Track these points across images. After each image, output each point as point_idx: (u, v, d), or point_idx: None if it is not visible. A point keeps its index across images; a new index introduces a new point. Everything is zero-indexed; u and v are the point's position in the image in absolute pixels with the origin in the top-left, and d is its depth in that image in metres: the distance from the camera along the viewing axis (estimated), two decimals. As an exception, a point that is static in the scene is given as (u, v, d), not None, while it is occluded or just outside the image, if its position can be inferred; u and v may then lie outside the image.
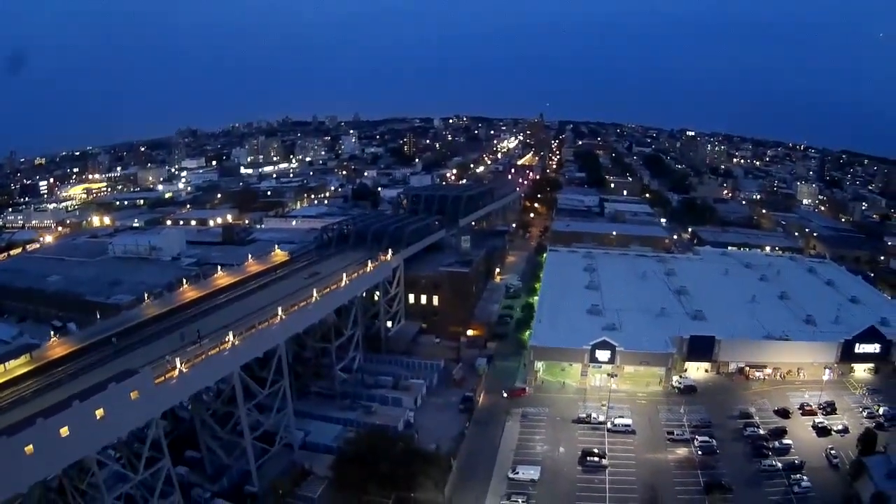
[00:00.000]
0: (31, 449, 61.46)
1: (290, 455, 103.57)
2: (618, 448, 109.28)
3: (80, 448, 67.00)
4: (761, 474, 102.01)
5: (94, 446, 68.62)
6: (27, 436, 61.35)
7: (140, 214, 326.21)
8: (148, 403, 74.53)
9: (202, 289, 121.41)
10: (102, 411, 68.12)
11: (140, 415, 74.33)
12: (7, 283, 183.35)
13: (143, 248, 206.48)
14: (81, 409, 66.01)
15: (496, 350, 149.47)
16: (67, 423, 64.58)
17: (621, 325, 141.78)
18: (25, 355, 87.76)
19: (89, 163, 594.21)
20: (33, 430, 61.89)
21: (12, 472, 61.16)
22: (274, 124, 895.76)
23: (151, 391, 74.72)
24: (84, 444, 67.06)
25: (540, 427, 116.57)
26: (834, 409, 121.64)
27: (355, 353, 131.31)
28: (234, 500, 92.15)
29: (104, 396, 68.65)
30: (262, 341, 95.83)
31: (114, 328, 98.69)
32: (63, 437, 64.37)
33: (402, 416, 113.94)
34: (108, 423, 69.30)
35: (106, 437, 71.05)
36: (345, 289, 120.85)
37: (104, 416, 68.27)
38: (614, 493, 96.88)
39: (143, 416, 74.76)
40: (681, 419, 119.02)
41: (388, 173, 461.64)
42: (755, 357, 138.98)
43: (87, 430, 66.70)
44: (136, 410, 73.08)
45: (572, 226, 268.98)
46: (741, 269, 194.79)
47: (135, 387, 72.29)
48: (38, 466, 64.33)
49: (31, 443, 61.43)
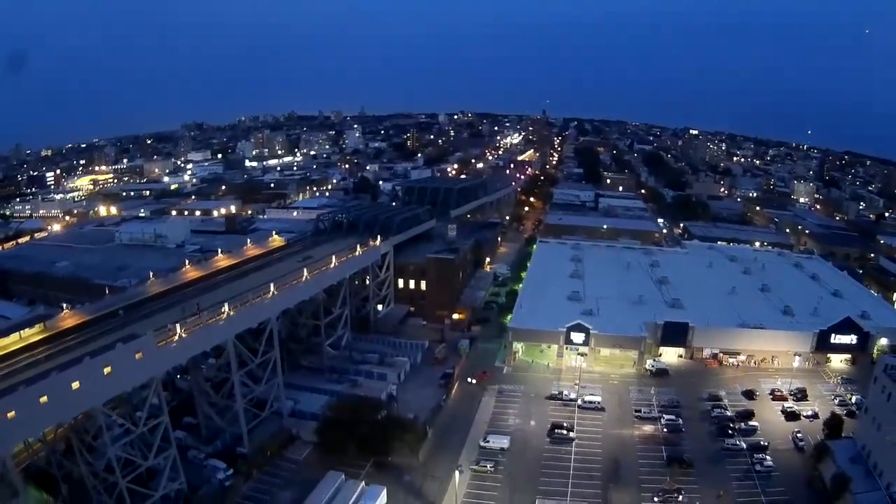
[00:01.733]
0: (46, 399, 69.96)
1: (280, 422, 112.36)
2: (586, 423, 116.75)
3: (88, 399, 75.62)
4: (724, 452, 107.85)
5: (101, 398, 77.26)
6: (42, 387, 69.99)
7: (146, 205, 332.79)
8: (150, 363, 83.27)
9: (203, 269, 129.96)
10: (110, 368, 77.02)
11: (143, 373, 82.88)
12: (17, 269, 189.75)
13: (148, 235, 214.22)
14: (91, 365, 74.81)
15: (480, 333, 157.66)
16: (78, 377, 73.34)
17: (599, 311, 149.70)
18: (39, 325, 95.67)
19: (95, 155, 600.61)
20: (48, 382, 70.65)
21: (29, 418, 69.52)
22: (280, 118, 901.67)
23: (154, 352, 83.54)
24: (92, 395, 75.66)
25: (514, 402, 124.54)
26: (805, 396, 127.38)
27: (344, 331, 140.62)
28: (227, 460, 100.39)
29: (112, 355, 77.70)
30: (256, 314, 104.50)
31: (120, 302, 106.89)
32: (74, 389, 73.04)
33: (385, 389, 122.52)
34: (115, 379, 78.10)
35: (112, 390, 79.48)
36: (334, 270, 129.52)
37: (111, 373, 77.16)
38: (579, 464, 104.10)
39: (145, 374, 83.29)
40: (650, 399, 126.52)
41: (389, 167, 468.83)
42: (729, 344, 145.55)
43: (95, 383, 75.37)
44: (139, 369, 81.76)
45: (565, 219, 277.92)
46: (725, 263, 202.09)
47: (139, 348, 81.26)
48: (52, 414, 73.02)
49: (46, 393, 69.94)
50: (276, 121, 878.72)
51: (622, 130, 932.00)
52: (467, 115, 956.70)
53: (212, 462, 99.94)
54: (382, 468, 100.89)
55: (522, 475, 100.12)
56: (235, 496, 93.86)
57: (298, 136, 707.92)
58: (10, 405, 66.54)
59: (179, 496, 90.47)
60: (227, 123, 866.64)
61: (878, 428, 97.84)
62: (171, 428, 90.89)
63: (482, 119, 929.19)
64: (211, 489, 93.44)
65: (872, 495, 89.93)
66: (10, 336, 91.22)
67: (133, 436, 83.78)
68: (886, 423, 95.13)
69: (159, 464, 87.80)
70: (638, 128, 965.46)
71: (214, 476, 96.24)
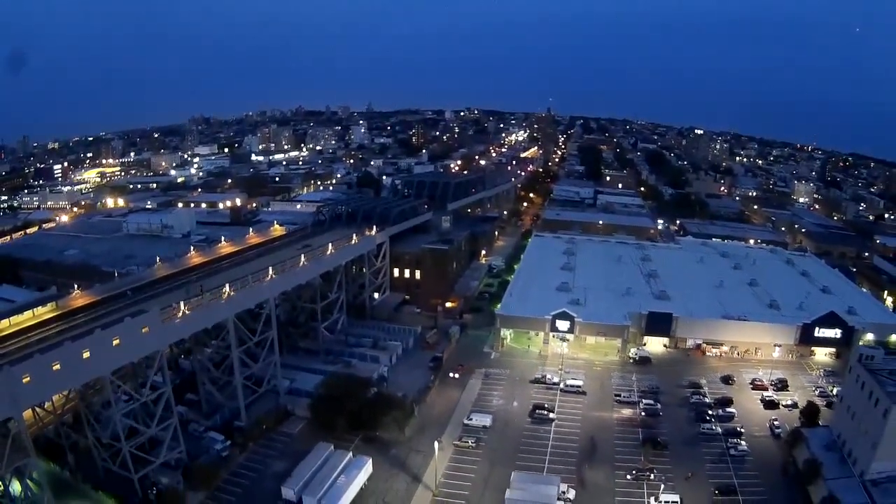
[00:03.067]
0: (59, 366, 76.49)
1: (276, 399, 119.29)
2: (567, 405, 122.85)
3: (98, 368, 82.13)
4: (700, 436, 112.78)
5: (109, 367, 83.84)
6: (55, 355, 76.73)
7: (153, 197, 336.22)
8: (156, 337, 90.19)
9: (207, 255, 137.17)
10: (118, 340, 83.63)
11: (149, 345, 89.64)
12: (27, 257, 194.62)
13: (155, 226, 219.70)
14: (101, 336, 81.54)
15: (471, 321, 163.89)
16: (89, 346, 79.99)
17: (586, 301, 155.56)
18: (52, 303, 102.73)
19: (103, 148, 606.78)
20: (61, 351, 77.47)
21: (42, 383, 75.97)
22: (287, 113, 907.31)
23: (159, 327, 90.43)
24: (101, 364, 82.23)
25: (499, 385, 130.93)
26: (786, 386, 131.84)
27: (339, 315, 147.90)
28: (225, 433, 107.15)
29: (120, 328, 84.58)
30: (255, 294, 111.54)
31: (129, 284, 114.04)
32: (85, 358, 79.65)
33: (376, 371, 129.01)
34: (122, 350, 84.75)
35: (120, 360, 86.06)
36: (330, 256, 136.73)
37: (119, 344, 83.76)
38: (557, 442, 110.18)
39: (151, 346, 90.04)
40: (631, 385, 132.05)
41: (393, 163, 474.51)
42: (712, 335, 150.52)
43: (104, 353, 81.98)
44: (145, 342, 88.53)
45: (563, 214, 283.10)
46: (717, 258, 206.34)
47: (145, 322, 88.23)
48: (63, 380, 79.62)
49: (59, 360, 76.51)
50: (284, 116, 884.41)
51: (627, 129, 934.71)
52: (474, 112, 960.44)
53: (210, 434, 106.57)
54: (370, 442, 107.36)
55: (502, 451, 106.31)
56: (232, 465, 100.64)
57: (305, 131, 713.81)
58: (25, 370, 72.99)
59: (179, 464, 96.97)
60: (235, 118, 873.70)
61: (852, 417, 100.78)
62: (174, 402, 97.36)
63: (489, 116, 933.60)
64: (209, 459, 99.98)
65: (846, 482, 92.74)
66: (24, 313, 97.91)
67: (137, 404, 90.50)
68: (860, 411, 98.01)
69: (161, 435, 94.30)
70: (643, 127, 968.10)
71: (213, 447, 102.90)
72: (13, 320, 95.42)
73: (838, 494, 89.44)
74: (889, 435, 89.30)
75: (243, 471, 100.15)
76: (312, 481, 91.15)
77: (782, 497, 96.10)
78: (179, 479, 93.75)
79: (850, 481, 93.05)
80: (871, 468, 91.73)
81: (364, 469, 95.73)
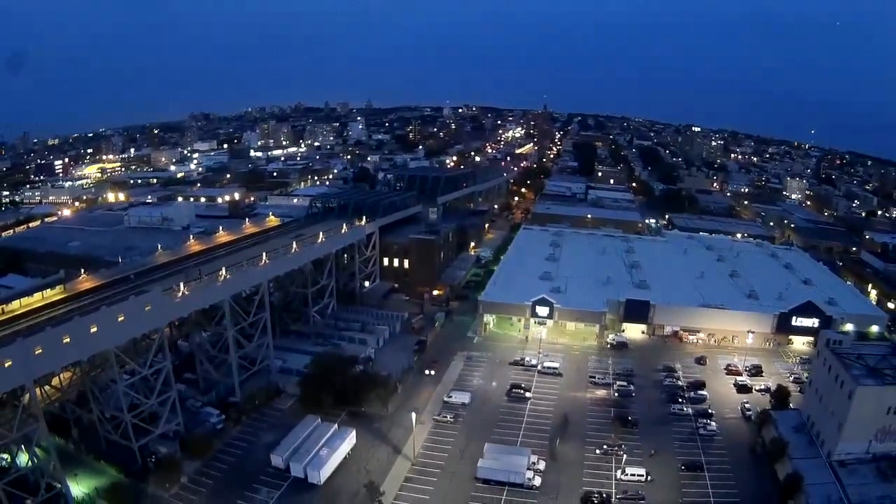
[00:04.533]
0: (68, 339, 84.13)
1: (268, 377, 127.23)
2: (544, 386, 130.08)
3: (104, 341, 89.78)
4: (671, 416, 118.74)
5: (115, 341, 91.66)
6: (65, 329, 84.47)
7: (153, 192, 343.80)
8: (158, 314, 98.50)
9: (205, 244, 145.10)
10: (123, 316, 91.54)
11: (151, 322, 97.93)
12: (31, 248, 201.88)
13: (155, 218, 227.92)
14: (108, 313, 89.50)
15: (457, 308, 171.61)
16: (97, 321, 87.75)
17: (566, 289, 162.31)
18: (60, 286, 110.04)
19: (103, 144, 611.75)
20: (70, 325, 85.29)
21: (53, 354, 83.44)
22: (287, 110, 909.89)
23: (161, 305, 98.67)
24: (108, 338, 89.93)
25: (480, 367, 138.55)
26: (760, 372, 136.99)
27: (330, 300, 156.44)
28: (220, 408, 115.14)
29: (125, 305, 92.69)
30: (249, 278, 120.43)
31: (132, 269, 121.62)
32: (92, 332, 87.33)
33: (364, 352, 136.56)
34: (127, 325, 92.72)
35: (124, 335, 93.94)
36: (320, 244, 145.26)
37: (124, 320, 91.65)
38: (531, 418, 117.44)
39: (153, 323, 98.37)
40: (607, 368, 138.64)
41: (389, 159, 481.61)
42: (689, 322, 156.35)
43: (110, 328, 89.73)
44: (148, 318, 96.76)
45: (552, 208, 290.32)
46: (701, 251, 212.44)
47: (148, 301, 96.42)
48: (72, 352, 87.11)
49: (69, 334, 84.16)
50: (283, 112, 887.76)
51: (625, 126, 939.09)
52: (471, 108, 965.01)
53: (206, 409, 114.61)
54: (355, 417, 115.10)
55: (479, 426, 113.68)
56: (226, 437, 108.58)
57: (304, 127, 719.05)
58: (38, 343, 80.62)
59: (177, 435, 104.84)
60: (234, 114, 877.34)
61: (820, 399, 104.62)
62: (173, 379, 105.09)
63: (486, 113, 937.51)
64: (204, 431, 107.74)
65: (812, 462, 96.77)
66: (34, 295, 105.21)
67: (139, 377, 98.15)
68: (827, 394, 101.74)
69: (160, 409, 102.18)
70: (641, 124, 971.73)
71: (208, 420, 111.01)
72: (23, 301, 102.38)
73: (803, 472, 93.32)
74: (854, 416, 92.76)
75: (236, 442, 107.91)
76: (300, 450, 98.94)
77: (748, 474, 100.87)
78: (177, 449, 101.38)
79: (817, 461, 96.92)
80: (838, 449, 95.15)
81: (348, 440, 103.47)
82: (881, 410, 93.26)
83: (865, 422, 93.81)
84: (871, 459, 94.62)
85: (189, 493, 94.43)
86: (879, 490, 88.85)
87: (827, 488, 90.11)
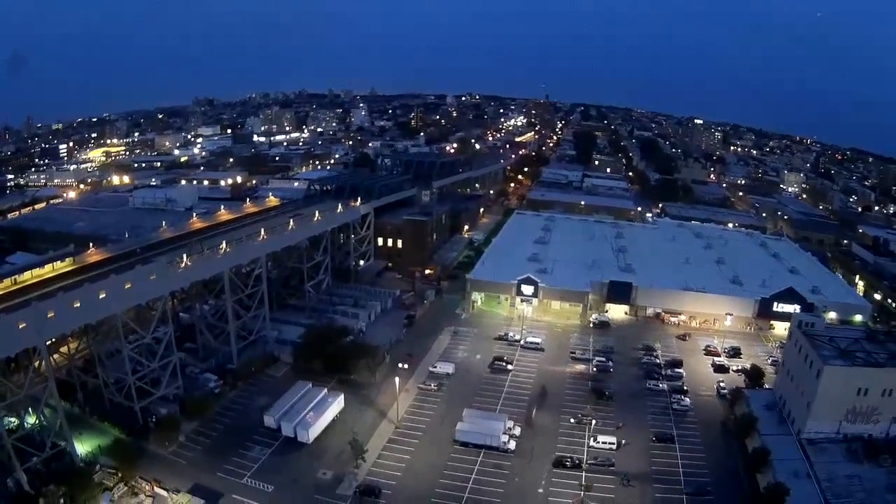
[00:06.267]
0: (78, 304, 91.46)
1: (265, 346, 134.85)
2: (526, 360, 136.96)
3: (111, 306, 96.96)
4: (646, 392, 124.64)
5: (121, 306, 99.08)
6: (76, 294, 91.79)
7: (157, 175, 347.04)
8: (162, 283, 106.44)
9: (207, 221, 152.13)
10: (130, 284, 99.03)
11: (156, 290, 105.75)
12: (38, 228, 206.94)
13: (159, 200, 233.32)
14: (116, 280, 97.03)
15: (447, 287, 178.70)
16: (105, 288, 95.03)
17: (553, 270, 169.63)
18: (69, 258, 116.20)
19: (107, 129, 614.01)
20: (80, 291, 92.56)
21: (64, 317, 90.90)
22: (290, 96, 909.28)
23: (165, 274, 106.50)
24: (115, 303, 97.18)
25: (466, 341, 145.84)
26: (738, 354, 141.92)
27: (325, 276, 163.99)
28: (218, 374, 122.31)
29: (132, 273, 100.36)
30: (247, 251, 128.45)
31: (138, 244, 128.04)
32: (101, 298, 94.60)
33: (356, 326, 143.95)
34: (133, 292, 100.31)
35: (130, 301, 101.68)
36: (316, 223, 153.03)
37: (131, 287, 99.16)
38: (511, 389, 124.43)
39: (158, 291, 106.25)
40: (587, 345, 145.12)
41: (390, 145, 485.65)
42: (671, 305, 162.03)
43: (117, 294, 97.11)
44: (153, 286, 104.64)
45: (547, 195, 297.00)
46: (690, 238, 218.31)
47: (153, 270, 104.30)
48: (82, 315, 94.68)
49: (79, 299, 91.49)
50: (287, 98, 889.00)
51: (627, 117, 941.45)
52: (475, 97, 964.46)
53: (205, 375, 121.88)
54: (344, 384, 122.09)
55: (461, 394, 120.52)
56: (223, 400, 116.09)
57: (307, 113, 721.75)
58: (50, 306, 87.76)
59: (176, 398, 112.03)
60: (238, 100, 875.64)
61: (791, 379, 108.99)
62: (175, 346, 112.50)
63: (489, 101, 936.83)
64: (203, 394, 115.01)
65: (781, 438, 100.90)
66: (44, 267, 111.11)
67: (143, 341, 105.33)
68: (798, 373, 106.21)
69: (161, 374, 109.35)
70: (643, 115, 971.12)
71: (207, 385, 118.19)
72: (34, 273, 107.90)
73: (770, 447, 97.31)
74: (822, 395, 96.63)
75: (232, 405, 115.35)
76: (291, 411, 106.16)
77: (718, 447, 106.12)
78: (176, 410, 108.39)
79: (786, 438, 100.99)
80: (807, 427, 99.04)
81: (337, 402, 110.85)
82: (850, 391, 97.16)
83: (834, 402, 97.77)
84: (843, 440, 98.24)
85: (186, 450, 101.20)
86: (848, 469, 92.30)
87: (794, 464, 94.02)
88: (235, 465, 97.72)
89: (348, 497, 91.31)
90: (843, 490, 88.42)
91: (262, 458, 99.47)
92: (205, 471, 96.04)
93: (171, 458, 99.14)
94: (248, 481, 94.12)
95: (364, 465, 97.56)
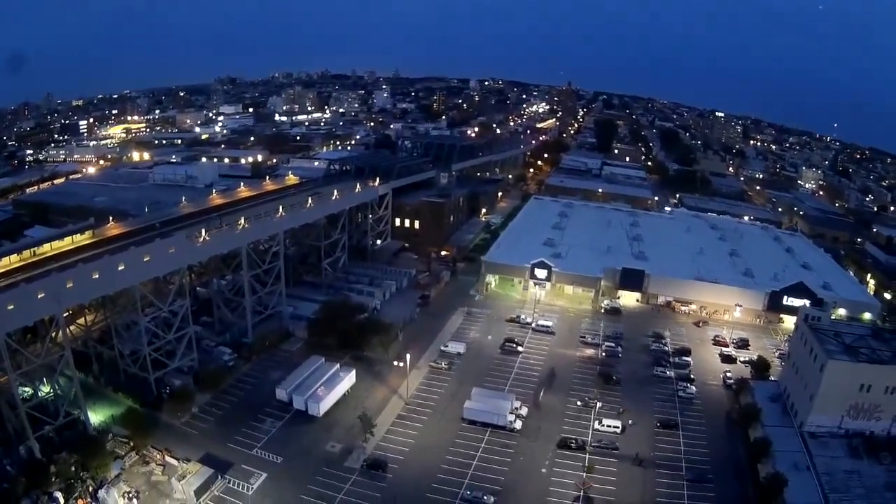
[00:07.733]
0: (98, 275, 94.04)
1: (280, 321, 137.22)
2: (536, 342, 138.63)
3: (130, 278, 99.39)
4: (653, 378, 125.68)
5: (139, 278, 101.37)
6: (95, 265, 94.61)
7: (177, 152, 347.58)
8: (180, 256, 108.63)
9: (227, 198, 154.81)
10: (149, 257, 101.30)
11: (174, 263, 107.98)
12: (58, 202, 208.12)
13: (180, 176, 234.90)
14: (135, 252, 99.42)
15: (463, 268, 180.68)
16: (124, 260, 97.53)
17: (567, 255, 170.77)
18: (89, 231, 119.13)
19: (128, 105, 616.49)
20: (100, 262, 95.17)
21: (83, 287, 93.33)
22: (314, 76, 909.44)
23: (184, 248, 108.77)
24: (133, 275, 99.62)
25: (478, 322, 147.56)
26: (747, 345, 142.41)
27: (342, 254, 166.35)
28: (233, 348, 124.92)
29: (151, 247, 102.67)
30: (265, 227, 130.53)
31: (158, 219, 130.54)
32: (120, 269, 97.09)
33: (370, 304, 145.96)
34: (152, 265, 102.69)
35: (149, 273, 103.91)
36: (334, 201, 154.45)
37: (149, 260, 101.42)
38: (521, 370, 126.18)
39: (176, 264, 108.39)
40: (598, 330, 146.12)
41: (412, 127, 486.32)
42: (682, 294, 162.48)
43: (136, 267, 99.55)
44: (172, 259, 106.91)
45: (566, 181, 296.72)
46: (704, 229, 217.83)
47: (172, 244, 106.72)
48: (100, 286, 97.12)
49: (98, 270, 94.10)
50: (310, 78, 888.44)
51: (649, 107, 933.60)
52: (498, 82, 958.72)
53: (220, 348, 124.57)
54: (358, 360, 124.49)
55: (471, 374, 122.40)
56: (237, 373, 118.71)
57: (329, 93, 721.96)
58: (70, 276, 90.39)
59: (191, 371, 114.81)
60: (261, 79, 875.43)
61: (796, 372, 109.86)
62: (191, 318, 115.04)
63: (512, 87, 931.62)
64: (217, 367, 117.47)
65: (783, 430, 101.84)
66: (64, 240, 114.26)
67: (160, 312, 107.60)
68: (802, 366, 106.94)
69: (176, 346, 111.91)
70: (665, 106, 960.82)
71: (221, 358, 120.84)
72: (54, 245, 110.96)
73: (772, 438, 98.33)
74: (825, 389, 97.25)
75: (246, 378, 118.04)
76: (302, 385, 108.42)
77: (721, 436, 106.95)
78: (190, 382, 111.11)
79: (788, 430, 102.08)
80: (809, 420, 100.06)
81: (348, 378, 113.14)
82: (853, 387, 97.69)
83: (837, 396, 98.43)
84: (844, 435, 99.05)
85: (199, 421, 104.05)
86: (848, 464, 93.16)
87: (795, 456, 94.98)
88: (246, 436, 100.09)
89: (356, 470, 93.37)
90: (841, 485, 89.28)
91: (273, 431, 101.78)
92: (216, 442, 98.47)
93: (183, 429, 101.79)
94: (258, 452, 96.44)
95: (372, 440, 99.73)
